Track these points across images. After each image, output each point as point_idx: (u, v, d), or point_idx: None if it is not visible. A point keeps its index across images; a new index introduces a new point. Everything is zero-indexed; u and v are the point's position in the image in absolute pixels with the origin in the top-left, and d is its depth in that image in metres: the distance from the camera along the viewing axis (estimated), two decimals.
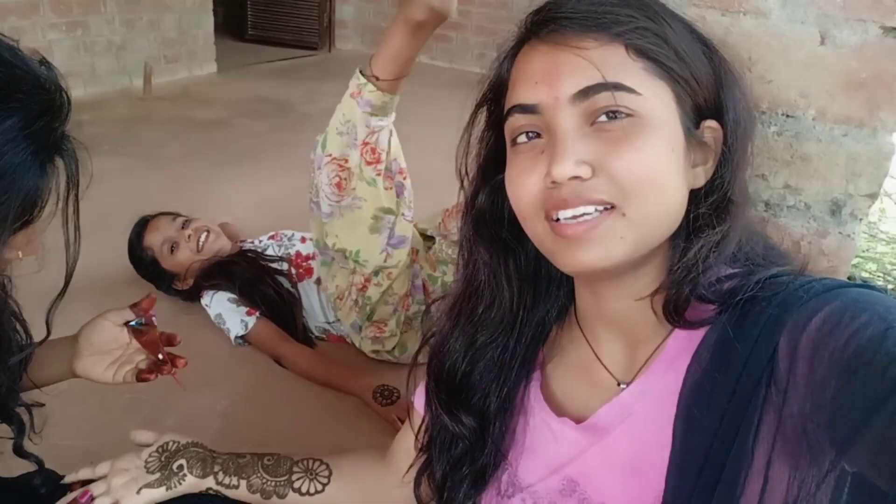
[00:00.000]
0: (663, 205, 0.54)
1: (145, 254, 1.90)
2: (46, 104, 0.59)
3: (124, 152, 3.01)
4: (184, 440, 0.89)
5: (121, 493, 0.83)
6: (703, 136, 0.57)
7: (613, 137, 0.53)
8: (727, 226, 0.55)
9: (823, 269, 0.77)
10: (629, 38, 0.53)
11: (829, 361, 0.45)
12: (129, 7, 4.05)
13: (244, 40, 5.79)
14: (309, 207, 1.62)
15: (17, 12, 3.48)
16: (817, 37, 0.71)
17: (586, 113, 0.54)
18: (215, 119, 3.69)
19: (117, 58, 4.04)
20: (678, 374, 0.56)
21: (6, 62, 0.57)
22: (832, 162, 0.74)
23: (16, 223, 0.59)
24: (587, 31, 0.53)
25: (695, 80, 0.55)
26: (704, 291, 0.55)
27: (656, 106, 0.53)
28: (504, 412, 0.69)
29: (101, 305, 1.86)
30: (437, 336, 0.72)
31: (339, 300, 1.66)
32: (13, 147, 0.56)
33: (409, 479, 0.78)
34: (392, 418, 1.50)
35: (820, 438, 0.46)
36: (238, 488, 0.85)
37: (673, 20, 0.55)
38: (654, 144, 0.53)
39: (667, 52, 0.53)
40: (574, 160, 0.52)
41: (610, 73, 0.52)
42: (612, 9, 0.54)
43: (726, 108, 0.56)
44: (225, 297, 1.78)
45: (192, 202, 2.39)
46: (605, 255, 0.54)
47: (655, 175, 0.53)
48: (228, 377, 1.67)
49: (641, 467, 0.59)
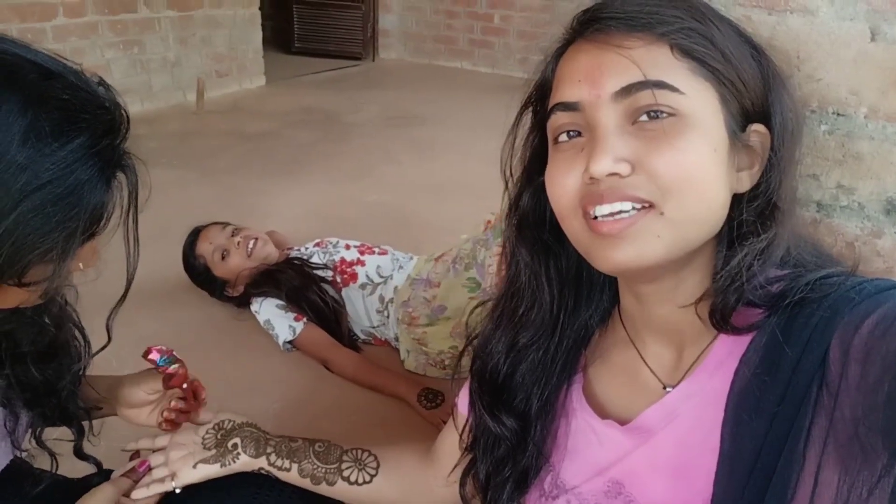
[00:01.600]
0: (703, 206, 0.53)
1: (198, 262, 1.96)
2: (109, 123, 0.63)
3: (179, 165, 3.12)
4: (239, 419, 0.91)
5: (178, 465, 0.85)
6: (750, 140, 0.55)
7: (654, 136, 0.52)
8: (772, 233, 0.54)
9: (879, 270, 0.75)
10: (674, 38, 0.53)
11: (883, 364, 0.44)
12: (182, 25, 4.20)
13: (291, 53, 5.92)
14: (451, 265, 1.69)
15: (77, 33, 3.64)
16: (867, 33, 0.69)
17: (628, 111, 0.53)
18: (264, 131, 3.78)
19: (172, 74, 4.19)
20: (726, 377, 0.56)
21: (72, 86, 0.60)
22: (886, 160, 0.72)
23: (83, 236, 0.62)
24: (632, 30, 0.53)
25: (741, 82, 0.54)
26: (752, 296, 0.54)
27: (700, 106, 0.53)
28: (545, 414, 0.69)
29: (159, 310, 1.95)
30: (480, 337, 0.73)
31: (419, 343, 1.70)
32: (82, 165, 0.59)
33: (455, 478, 0.79)
34: (437, 422, 1.51)
35: (872, 442, 0.45)
36: (290, 471, 0.86)
37: (720, 21, 0.55)
38: (695, 144, 0.52)
39: (713, 53, 0.53)
40: (613, 157, 0.52)
41: (653, 71, 0.52)
42: (658, 9, 0.53)
43: (774, 113, 0.55)
44: (273, 304, 1.83)
45: (242, 212, 2.46)
46: (640, 254, 0.53)
47: (695, 175, 0.52)
48: (279, 382, 1.71)
49: (688, 471, 0.58)
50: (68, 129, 0.58)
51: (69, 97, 0.59)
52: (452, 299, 1.66)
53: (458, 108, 4.26)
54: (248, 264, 1.93)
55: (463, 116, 3.98)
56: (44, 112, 0.57)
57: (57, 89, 0.59)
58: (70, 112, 0.59)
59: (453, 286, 1.66)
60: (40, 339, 0.79)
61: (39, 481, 0.86)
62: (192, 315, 1.98)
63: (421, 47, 6.00)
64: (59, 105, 0.58)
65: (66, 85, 0.60)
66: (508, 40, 5.50)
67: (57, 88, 0.59)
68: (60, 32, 3.56)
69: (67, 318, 0.84)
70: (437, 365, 1.70)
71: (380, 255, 1.92)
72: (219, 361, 1.77)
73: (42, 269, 0.62)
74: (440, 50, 5.90)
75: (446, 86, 5.12)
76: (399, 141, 3.65)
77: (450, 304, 1.66)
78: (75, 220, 0.60)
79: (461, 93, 4.84)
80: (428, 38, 5.94)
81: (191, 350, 1.79)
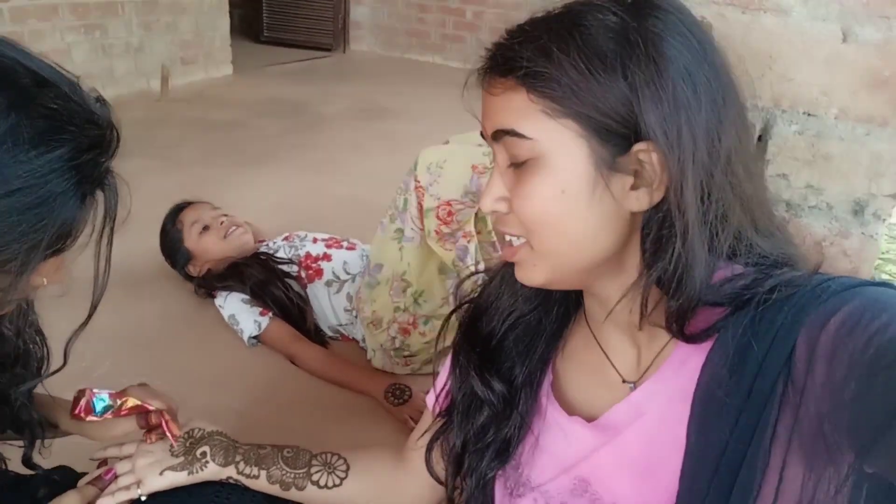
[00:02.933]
0: (564, 240, 0.56)
1: (174, 228, 1.94)
2: (96, 139, 0.61)
3: (142, 153, 3.04)
4: (209, 428, 0.91)
5: (144, 473, 0.85)
6: (637, 159, 0.53)
7: (519, 178, 0.56)
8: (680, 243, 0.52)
9: (846, 270, 0.77)
10: (527, 83, 0.54)
11: (849, 362, 0.45)
12: (147, 9, 4.09)
13: (260, 42, 5.82)
14: (380, 223, 1.64)
15: (36, 15, 3.52)
16: (839, 34, 0.70)
17: (507, 152, 0.57)
18: (231, 120, 3.71)
19: (135, 60, 4.08)
20: (691, 373, 0.56)
21: (64, 96, 0.58)
22: (855, 161, 0.73)
23: (47, 250, 0.60)
24: (499, 75, 0.56)
25: (598, 111, 0.52)
26: (711, 296, 0.54)
27: (551, 148, 0.54)
28: (528, 388, 0.70)
29: (119, 303, 1.90)
30: (483, 298, 0.74)
31: (374, 326, 1.66)
32: (57, 176, 0.57)
33: (423, 444, 0.79)
34: (404, 418, 1.51)
35: (838, 440, 0.46)
36: (258, 478, 0.86)
37: (579, 48, 0.52)
38: (541, 188, 0.55)
39: (561, 92, 0.52)
40: (493, 197, 0.59)
41: (510, 118, 0.55)
42: (515, 52, 0.54)
43: (643, 130, 0.52)
44: (238, 298, 1.80)
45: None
46: (527, 278, 0.61)
47: (544, 217, 0.56)
48: (243, 377, 1.68)
49: (654, 467, 0.59)
50: (50, 139, 0.56)
51: (58, 107, 0.57)
52: (384, 255, 1.62)
53: (429, 103, 4.24)
54: (219, 246, 1.91)
55: (434, 111, 3.97)
56: (27, 118, 0.55)
57: (47, 98, 0.57)
58: (55, 122, 0.57)
59: (383, 242, 1.62)
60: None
61: None
62: (152, 308, 1.94)
63: (392, 40, 5.96)
64: (46, 114, 0.56)
65: (57, 94, 0.58)
66: (480, 36, 5.49)
67: (47, 97, 0.57)
68: (18, 14, 3.43)
69: (29, 325, 0.81)
70: (403, 362, 1.68)
71: (347, 251, 1.89)
72: (181, 356, 1.74)
73: (1, 277, 0.59)
74: (412, 43, 5.87)
75: (417, 80, 5.09)
76: (369, 134, 3.62)
77: (384, 259, 1.61)
78: (41, 233, 0.57)
79: (432, 87, 4.82)
80: (400, 31, 5.90)
81: (152, 344, 1.77)
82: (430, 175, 1.47)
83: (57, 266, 0.65)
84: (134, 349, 1.74)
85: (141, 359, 1.70)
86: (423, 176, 1.47)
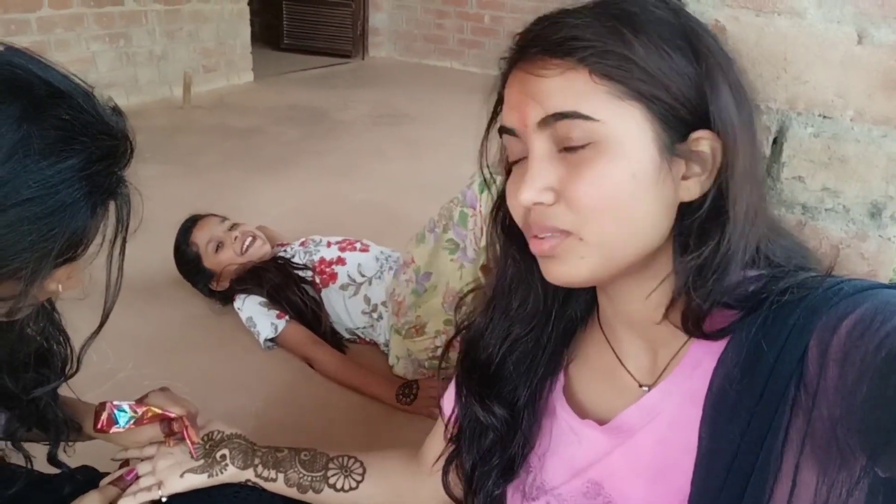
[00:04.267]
0: (623, 229, 0.54)
1: (189, 249, 1.94)
2: (109, 150, 0.61)
3: (164, 160, 3.09)
4: (228, 430, 0.92)
5: (165, 474, 0.86)
6: (694, 147, 0.54)
7: (575, 163, 0.53)
8: (724, 238, 0.53)
9: (863, 273, 0.75)
10: (591, 63, 0.52)
11: (861, 365, 0.44)
12: (170, 18, 4.16)
13: (280, 49, 5.89)
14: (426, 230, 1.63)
15: (62, 24, 3.59)
16: (854, 36, 0.69)
17: (554, 138, 0.54)
18: (251, 127, 3.75)
19: (158, 68, 4.15)
20: (704, 376, 0.56)
21: (77, 107, 0.59)
22: (871, 163, 0.72)
23: (58, 259, 0.60)
24: (552, 57, 0.53)
25: (670, 94, 0.52)
26: (724, 298, 0.54)
27: (619, 130, 0.52)
28: (532, 405, 0.70)
29: (139, 307, 1.93)
30: (474, 328, 0.73)
31: (416, 331, 1.65)
32: (68, 186, 0.58)
33: (438, 468, 0.79)
34: (419, 413, 1.54)
35: (850, 443, 0.45)
36: (276, 481, 0.87)
37: (647, 34, 0.53)
38: (611, 171, 0.52)
39: (633, 73, 0.52)
40: (538, 187, 0.54)
41: (569, 101, 0.53)
42: (577, 32, 0.53)
43: (714, 118, 0.53)
44: (256, 301, 1.81)
45: (228, 208, 2.44)
46: (568, 273, 0.56)
47: (611, 202, 0.53)
48: (262, 380, 1.70)
49: (666, 470, 0.58)
50: (61, 150, 0.57)
51: (70, 118, 0.58)
52: (435, 264, 1.60)
53: (447, 108, 4.25)
54: (238, 261, 1.91)
55: (452, 116, 3.98)
56: (39, 129, 0.56)
57: (60, 108, 0.58)
58: (67, 133, 0.58)
59: (434, 251, 1.60)
60: (20, 348, 0.78)
61: (14, 480, 0.84)
62: (173, 312, 1.96)
63: (411, 46, 5.99)
64: (58, 124, 0.57)
65: (70, 105, 0.59)
66: (499, 41, 5.49)
67: (60, 107, 0.58)
68: (45, 24, 3.51)
69: (53, 325, 0.83)
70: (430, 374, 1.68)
71: (361, 252, 1.90)
72: (200, 359, 1.76)
73: (13, 285, 0.60)
74: (430, 49, 5.89)
75: (436, 85, 5.11)
76: (388, 139, 3.64)
77: (434, 269, 1.61)
78: (51, 243, 0.58)
79: (451, 92, 4.83)
80: (418, 37, 5.92)
81: (173, 348, 1.79)
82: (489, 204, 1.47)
83: (69, 273, 0.66)
84: (155, 352, 1.76)
85: (162, 362, 1.73)
86: (486, 205, 1.45)
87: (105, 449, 0.96)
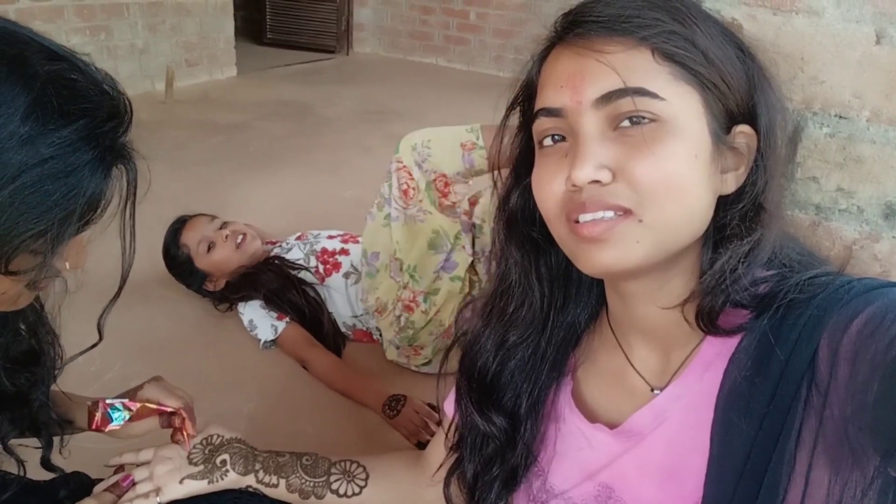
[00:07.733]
0: (682, 212, 0.53)
1: (180, 251, 1.91)
2: (113, 109, 0.62)
3: (147, 155, 2.99)
4: (227, 435, 0.90)
5: (163, 480, 0.84)
6: (735, 142, 0.55)
7: (635, 142, 0.52)
8: (757, 235, 0.54)
9: (876, 273, 0.76)
10: (655, 42, 0.52)
11: (872, 364, 0.44)
12: (152, 11, 4.09)
13: (263, 44, 5.82)
14: (366, 216, 1.69)
15: (41, 16, 3.52)
16: (872, 36, 0.69)
17: (609, 117, 0.53)
18: (236, 122, 3.71)
19: (140, 62, 4.07)
20: (715, 378, 0.56)
21: (79, 70, 0.60)
22: (887, 164, 0.72)
23: (79, 223, 0.61)
24: (613, 34, 0.53)
25: (725, 84, 0.53)
26: (738, 297, 0.54)
27: (681, 111, 0.52)
28: (535, 413, 0.69)
29: (128, 304, 1.88)
30: (470, 335, 0.72)
31: (379, 313, 1.69)
32: (84, 145, 0.58)
33: (440, 478, 0.78)
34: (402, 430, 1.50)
35: (862, 442, 0.45)
36: (277, 487, 0.85)
37: (705, 22, 0.54)
38: (675, 150, 0.52)
39: (695, 56, 0.52)
40: (594, 164, 0.52)
41: (633, 77, 0.52)
42: (640, 12, 0.53)
43: (759, 113, 0.55)
44: (258, 304, 1.81)
45: (213, 204, 2.41)
46: (621, 257, 0.53)
47: (675, 182, 0.52)
48: (255, 380, 1.68)
49: (678, 473, 0.58)
50: (73, 109, 0.57)
51: (76, 78, 0.59)
52: (378, 242, 1.67)
53: (433, 105, 4.24)
54: (235, 258, 1.89)
55: (438, 113, 3.97)
56: (51, 89, 0.56)
57: (65, 70, 0.58)
58: (76, 92, 0.58)
59: (374, 230, 1.67)
60: (14, 347, 0.77)
61: (6, 486, 0.82)
62: (164, 311, 1.93)
63: (396, 42, 5.96)
64: (67, 84, 0.58)
65: (73, 67, 0.59)
66: (484, 38, 5.49)
67: (65, 69, 0.58)
68: (24, 16, 3.43)
69: (43, 325, 0.81)
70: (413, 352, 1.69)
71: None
72: (190, 359, 1.74)
73: (30, 258, 0.60)
74: (415, 45, 5.87)
75: (421, 81, 5.09)
76: (374, 135, 3.61)
77: (379, 247, 1.67)
78: (73, 202, 0.58)
79: (436, 89, 4.83)
80: (403, 33, 5.90)
81: (161, 347, 1.76)
82: (417, 154, 1.51)
83: (79, 246, 0.67)
84: (142, 352, 1.73)
85: (150, 362, 1.69)
86: (407, 156, 1.51)
87: (97, 454, 0.93)
